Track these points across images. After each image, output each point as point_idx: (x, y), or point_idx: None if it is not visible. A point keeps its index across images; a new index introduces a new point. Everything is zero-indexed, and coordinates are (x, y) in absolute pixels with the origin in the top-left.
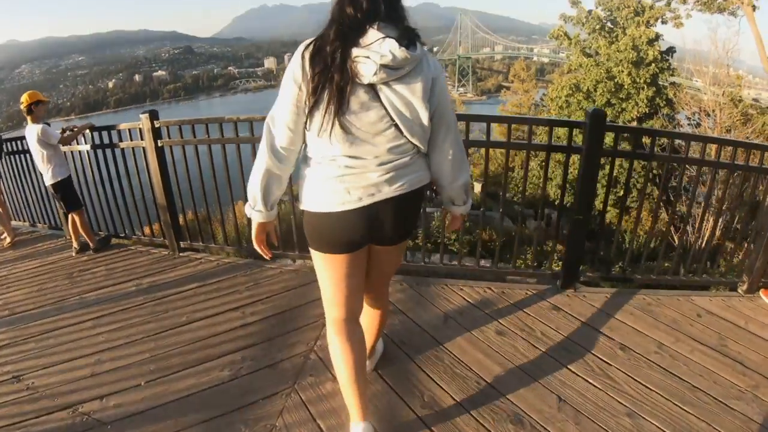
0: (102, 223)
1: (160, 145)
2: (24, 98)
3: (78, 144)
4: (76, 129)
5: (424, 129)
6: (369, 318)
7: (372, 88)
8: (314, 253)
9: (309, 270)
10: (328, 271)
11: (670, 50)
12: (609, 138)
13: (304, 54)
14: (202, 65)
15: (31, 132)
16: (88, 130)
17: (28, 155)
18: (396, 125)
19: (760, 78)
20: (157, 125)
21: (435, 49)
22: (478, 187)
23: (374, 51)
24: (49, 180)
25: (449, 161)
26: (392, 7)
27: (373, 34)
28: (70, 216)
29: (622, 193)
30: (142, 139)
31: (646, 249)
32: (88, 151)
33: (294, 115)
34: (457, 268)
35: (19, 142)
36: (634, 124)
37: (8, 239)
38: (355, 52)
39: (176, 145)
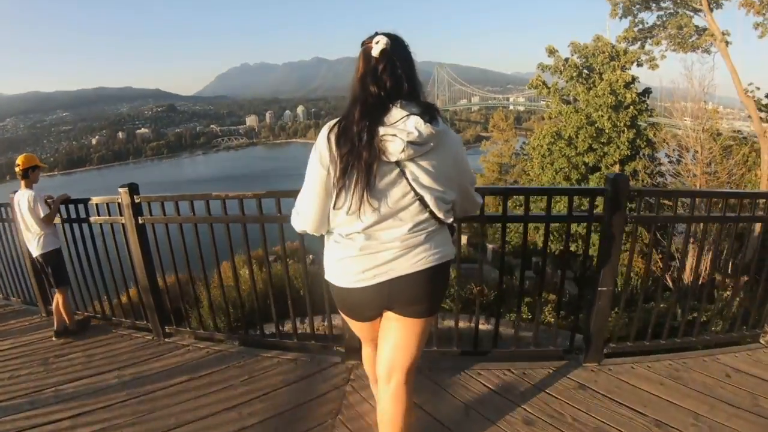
0: (80, 303)
1: (141, 222)
2: (20, 161)
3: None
4: (51, 201)
5: (448, 201)
6: (388, 415)
7: (398, 164)
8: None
9: (309, 359)
10: (353, 326)
11: (647, 91)
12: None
13: (329, 136)
14: (184, 123)
15: (23, 198)
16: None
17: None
18: (421, 199)
19: (731, 108)
20: (137, 200)
21: None
22: (463, 239)
23: (400, 129)
24: (37, 250)
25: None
26: (412, 85)
27: (397, 112)
28: (54, 293)
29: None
30: (121, 215)
31: (669, 313)
32: (63, 225)
33: (322, 200)
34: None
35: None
36: (617, 167)
37: None
38: (382, 130)
39: (159, 222)
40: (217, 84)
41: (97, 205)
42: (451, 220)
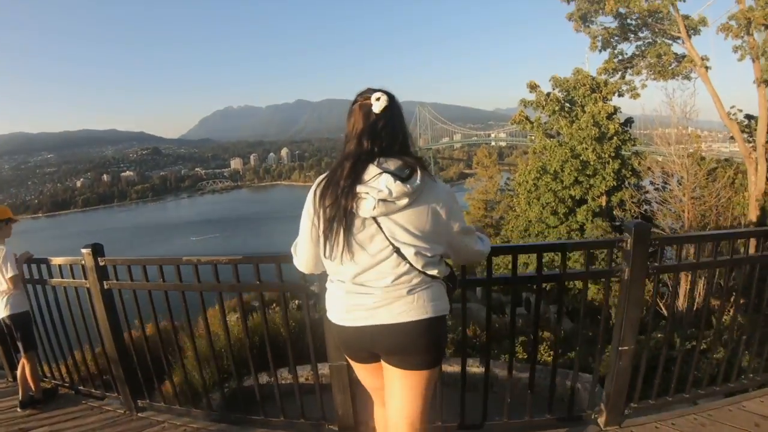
0: (47, 370)
1: (107, 287)
2: None
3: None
4: (16, 258)
5: (430, 254)
6: None
7: (375, 220)
8: None
9: None
10: (355, 369)
11: (629, 121)
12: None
13: (315, 191)
14: (169, 166)
15: None
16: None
17: None
18: (398, 252)
19: (715, 132)
20: (102, 263)
21: None
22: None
23: (372, 186)
24: (4, 311)
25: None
26: (405, 141)
27: (372, 170)
28: (21, 359)
29: None
30: (85, 278)
31: (693, 363)
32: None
33: (312, 247)
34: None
35: None
36: (604, 198)
37: None
38: (358, 188)
39: (126, 288)
40: (201, 127)
41: (60, 266)
42: (435, 272)
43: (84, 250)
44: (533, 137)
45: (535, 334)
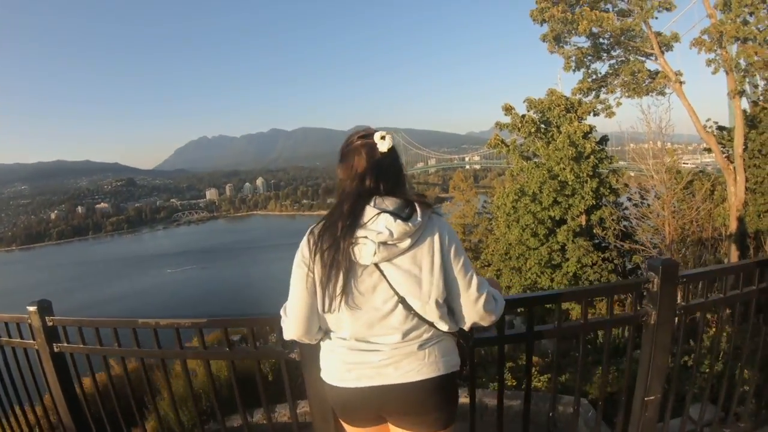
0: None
1: (57, 350)
2: None
3: None
4: None
5: (440, 305)
6: None
7: (377, 267)
8: None
9: None
10: None
11: (604, 139)
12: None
13: (313, 230)
14: (144, 197)
15: None
16: None
17: None
18: (404, 303)
19: (683, 144)
20: (50, 323)
21: None
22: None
23: (371, 230)
24: None
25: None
26: (404, 179)
27: (369, 211)
28: None
29: None
30: (33, 338)
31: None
32: None
33: (306, 300)
34: None
35: None
36: (583, 217)
37: None
38: (358, 233)
39: (78, 352)
40: (176, 157)
41: (6, 323)
42: (446, 328)
43: (30, 308)
44: (509, 160)
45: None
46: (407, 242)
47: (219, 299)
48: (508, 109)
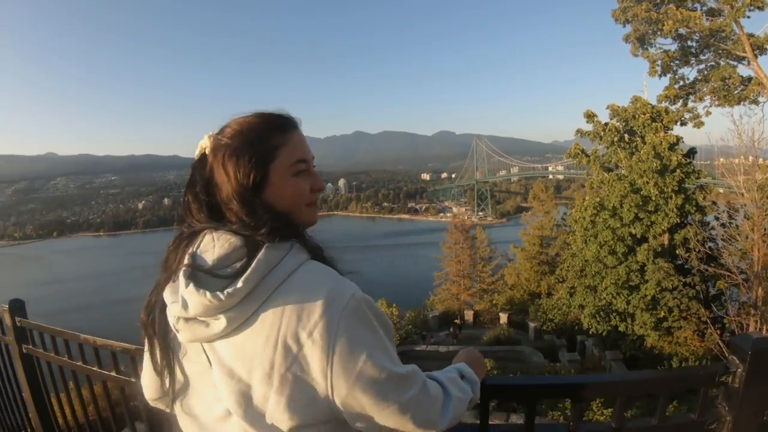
0: None
1: (25, 351)
2: None
3: None
4: None
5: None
6: None
7: (202, 347)
8: None
9: None
10: None
11: (691, 152)
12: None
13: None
14: None
15: None
16: None
17: None
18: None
19: None
20: (18, 323)
21: (453, 175)
22: (504, 318)
23: (172, 292)
24: None
25: None
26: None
27: (186, 258)
28: None
29: (662, 314)
30: (4, 334)
31: None
32: None
33: (149, 357)
34: None
35: None
36: (665, 236)
37: None
38: (167, 291)
39: (45, 359)
40: None
41: None
42: None
43: (2, 306)
44: (590, 171)
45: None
46: (220, 323)
47: None
48: (590, 117)
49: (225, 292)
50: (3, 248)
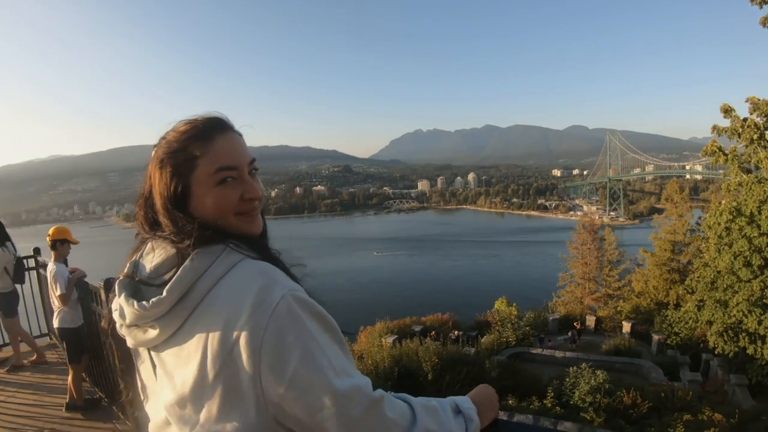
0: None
1: None
2: (51, 231)
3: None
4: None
5: None
6: None
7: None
8: None
9: None
10: None
11: None
12: None
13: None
14: (359, 184)
15: (49, 270)
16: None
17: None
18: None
19: None
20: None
21: (585, 172)
22: (627, 327)
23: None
24: (55, 323)
25: None
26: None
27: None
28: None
29: None
30: (101, 307)
31: None
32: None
33: None
34: None
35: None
36: None
37: (29, 358)
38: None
39: None
40: (391, 148)
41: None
42: None
43: (99, 282)
44: (727, 171)
45: None
46: (153, 332)
47: (427, 287)
48: (726, 111)
49: (150, 301)
50: (131, 230)
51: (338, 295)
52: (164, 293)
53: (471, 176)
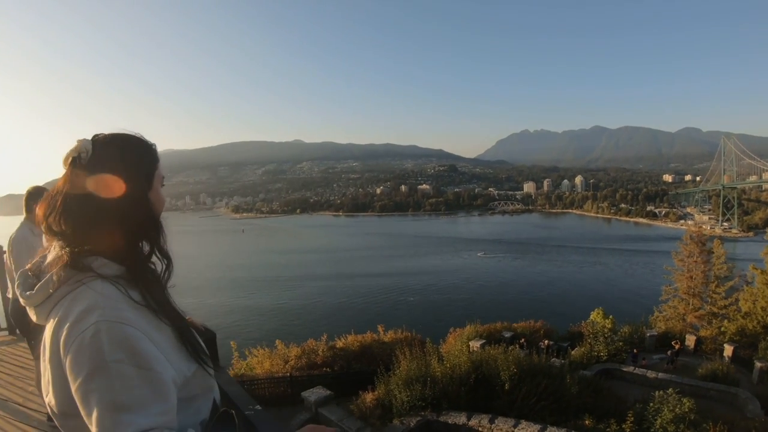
0: None
1: None
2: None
3: None
4: None
5: (58, 416)
6: None
7: None
8: None
9: None
10: None
11: None
12: None
13: None
14: (464, 184)
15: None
16: None
17: None
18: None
19: None
20: None
21: (698, 178)
22: (729, 350)
23: None
24: None
25: None
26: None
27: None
28: None
29: None
30: None
31: None
32: None
33: None
34: None
35: None
36: None
37: None
38: None
39: None
40: (497, 148)
41: None
42: None
43: None
44: None
45: None
46: (33, 315)
47: (524, 292)
48: None
49: (27, 293)
50: (251, 219)
51: (430, 296)
52: (35, 290)
53: (578, 179)
